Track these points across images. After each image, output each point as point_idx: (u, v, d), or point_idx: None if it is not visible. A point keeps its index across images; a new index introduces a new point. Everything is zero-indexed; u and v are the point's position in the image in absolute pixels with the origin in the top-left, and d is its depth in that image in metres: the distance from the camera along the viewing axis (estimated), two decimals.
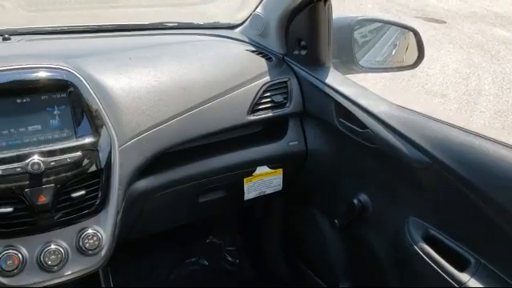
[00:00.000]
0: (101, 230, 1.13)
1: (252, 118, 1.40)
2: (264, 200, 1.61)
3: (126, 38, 1.56)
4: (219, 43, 1.59)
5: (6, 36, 1.41)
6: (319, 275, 1.70)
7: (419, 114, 1.26)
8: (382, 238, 1.37)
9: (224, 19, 1.74)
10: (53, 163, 1.07)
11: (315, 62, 1.48)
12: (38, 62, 1.14)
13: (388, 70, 1.75)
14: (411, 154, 1.20)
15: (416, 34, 1.60)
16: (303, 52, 1.50)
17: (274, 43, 1.56)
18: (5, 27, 1.46)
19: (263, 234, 1.92)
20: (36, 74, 1.11)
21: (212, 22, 1.76)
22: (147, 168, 1.25)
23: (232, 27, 1.74)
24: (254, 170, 1.47)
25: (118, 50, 1.40)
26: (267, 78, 1.45)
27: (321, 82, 1.43)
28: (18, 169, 1.04)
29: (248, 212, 1.95)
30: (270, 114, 1.43)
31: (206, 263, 1.95)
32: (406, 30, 1.69)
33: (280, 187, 1.53)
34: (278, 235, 1.87)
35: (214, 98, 1.35)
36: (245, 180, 1.47)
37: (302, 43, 1.49)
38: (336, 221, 1.48)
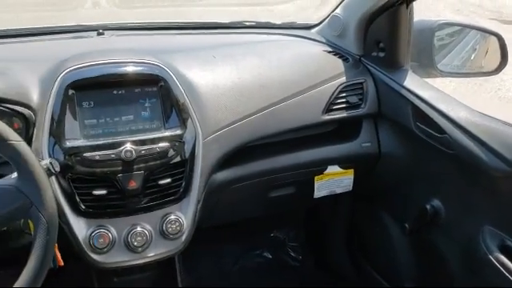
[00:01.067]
0: (182, 217, 1.21)
1: (327, 117, 1.42)
2: (331, 199, 1.63)
3: (209, 36, 1.63)
4: (297, 43, 1.62)
5: (101, 31, 1.52)
6: (384, 277, 1.70)
7: (500, 121, 1.24)
8: (453, 245, 1.35)
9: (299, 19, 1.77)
10: (143, 152, 1.15)
11: (393, 64, 1.48)
12: (133, 57, 1.23)
13: (468, 76, 1.71)
14: (491, 161, 1.17)
15: (500, 38, 1.55)
16: (381, 54, 1.50)
17: (351, 44, 1.57)
18: (99, 23, 1.57)
19: (328, 233, 1.94)
20: (132, 68, 1.20)
21: (289, 21, 1.80)
22: (225, 161, 1.31)
23: (308, 27, 1.76)
24: (325, 169, 1.50)
25: (202, 48, 1.46)
26: (343, 79, 1.47)
27: (398, 84, 1.43)
28: (113, 155, 1.12)
29: (314, 209, 1.97)
30: (344, 114, 1.45)
31: (270, 257, 2.00)
32: (487, 34, 1.64)
33: (350, 187, 1.55)
34: (343, 234, 1.89)
35: (291, 96, 1.38)
36: (315, 178, 1.50)
37: (381, 45, 1.49)
38: (406, 225, 1.47)
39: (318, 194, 1.52)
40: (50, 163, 0.97)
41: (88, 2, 1.62)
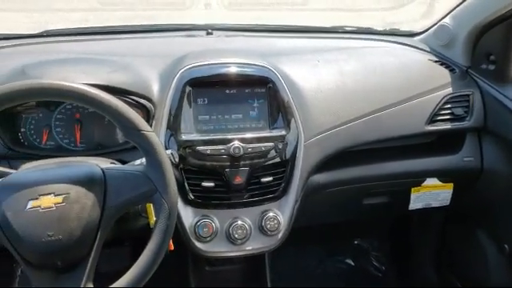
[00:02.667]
0: (280, 215, 1.24)
1: (430, 128, 1.40)
2: (422, 211, 1.60)
3: (311, 40, 1.65)
4: (401, 50, 1.60)
5: (209, 31, 1.60)
6: None
7: None
8: None
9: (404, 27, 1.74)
10: (250, 149, 1.20)
11: (504, 78, 1.42)
12: (246, 58, 1.29)
13: None
14: None
15: None
16: (491, 67, 1.44)
17: (459, 55, 1.52)
18: (209, 23, 1.65)
19: (415, 246, 1.89)
20: (245, 70, 1.26)
21: (391, 28, 1.78)
22: (324, 164, 1.33)
23: (411, 35, 1.73)
24: (423, 181, 1.47)
25: (306, 51, 1.49)
26: (449, 90, 1.43)
27: (509, 99, 1.37)
28: (222, 150, 1.19)
29: (402, 220, 1.94)
30: (448, 126, 1.41)
31: (352, 264, 1.99)
32: None
33: (447, 202, 1.50)
34: (432, 249, 1.84)
35: (394, 104, 1.37)
36: (412, 189, 1.47)
37: (492, 58, 1.44)
38: (506, 246, 1.41)
39: (413, 205, 1.50)
40: (171, 154, 1.04)
41: (201, 3, 1.72)
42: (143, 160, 1.04)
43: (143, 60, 1.32)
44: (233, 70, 1.25)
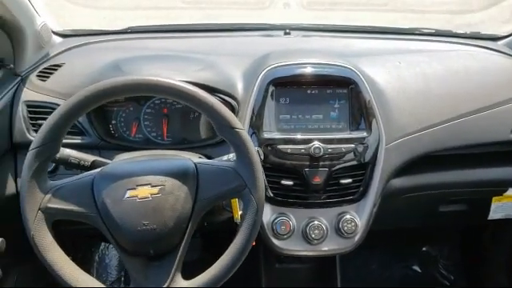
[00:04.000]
0: (358, 218, 1.24)
1: None
2: (498, 222, 1.53)
3: (389, 41, 1.63)
4: (484, 55, 1.54)
5: (287, 31, 1.62)
6: None
7: None
8: None
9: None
10: (330, 150, 1.20)
11: None
12: (328, 59, 1.29)
13: None
14: None
15: None
16: None
17: None
18: (287, 22, 1.66)
19: (488, 257, 1.82)
20: (328, 70, 1.26)
21: (473, 31, 1.72)
22: (403, 169, 1.31)
23: (495, 39, 1.67)
24: (505, 190, 1.41)
25: (386, 53, 1.47)
26: None
27: None
28: (303, 150, 1.20)
29: (475, 229, 1.87)
30: None
31: (419, 271, 1.95)
32: None
33: None
34: (505, 260, 1.76)
35: (478, 110, 1.33)
36: (493, 199, 1.42)
37: None
38: None
39: (493, 215, 1.44)
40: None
41: (279, 2, 1.74)
42: (230, 156, 1.08)
43: (227, 59, 1.35)
44: (315, 70, 1.26)
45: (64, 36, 1.51)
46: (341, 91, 1.26)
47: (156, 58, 1.34)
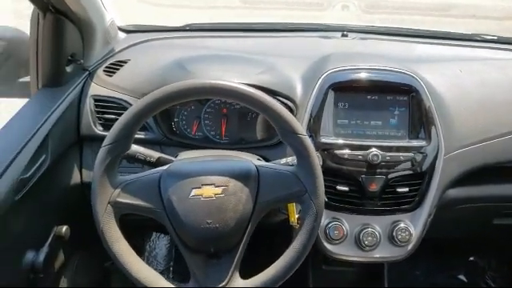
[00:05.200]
0: (412, 227, 1.23)
1: None
2: None
3: (449, 47, 1.59)
4: None
5: (345, 33, 1.61)
6: None
7: None
8: None
9: None
10: (388, 158, 1.19)
11: None
12: (389, 64, 1.28)
13: None
14: None
15: None
16: None
17: None
18: (345, 24, 1.65)
19: None
20: (389, 77, 1.25)
21: None
22: (459, 179, 1.29)
23: None
24: None
25: (446, 60, 1.44)
26: None
27: None
28: (360, 156, 1.20)
29: None
30: None
31: (465, 280, 1.91)
32: None
33: None
34: None
35: None
36: None
37: None
38: None
39: None
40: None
41: (338, 4, 1.73)
42: (288, 159, 1.09)
43: (286, 61, 1.36)
44: (377, 76, 1.25)
45: (127, 32, 1.56)
46: (401, 98, 1.25)
47: (218, 58, 1.36)
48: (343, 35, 1.60)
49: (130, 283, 1.10)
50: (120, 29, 1.51)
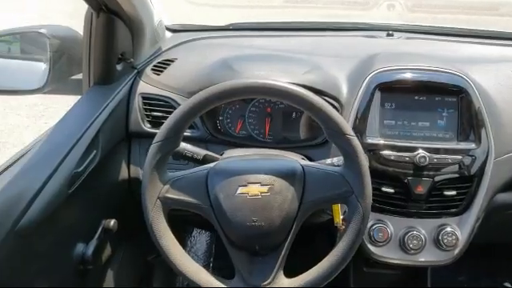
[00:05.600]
0: (459, 231, 1.20)
1: None
2: None
3: (500, 48, 1.54)
4: None
5: (390, 32, 1.58)
6: None
7: None
8: None
9: None
10: (435, 160, 1.17)
11: None
12: (437, 65, 1.25)
13: None
14: None
15: None
16: None
17: None
18: (389, 23, 1.63)
19: None
20: (438, 77, 1.22)
21: None
22: (510, 184, 1.25)
23: None
24: None
25: (495, 60, 1.40)
26: None
27: None
28: (407, 158, 1.18)
29: None
30: None
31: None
32: None
33: None
34: None
35: None
36: None
37: None
38: None
39: None
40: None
41: (384, 4, 1.70)
42: (334, 160, 1.08)
43: (331, 60, 1.35)
44: (425, 76, 1.23)
45: (173, 31, 1.59)
46: (450, 99, 1.22)
47: (263, 57, 1.37)
48: (388, 35, 1.57)
49: (172, 277, 1.12)
50: (166, 28, 1.54)
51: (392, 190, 1.20)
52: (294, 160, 1.03)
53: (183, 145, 1.07)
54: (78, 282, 1.15)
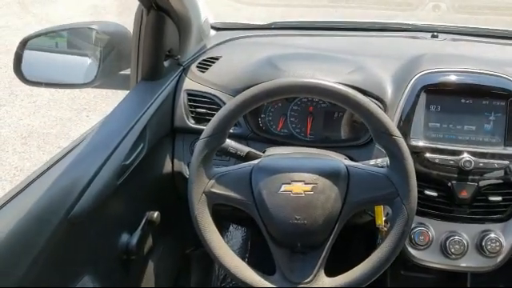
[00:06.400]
0: (503, 238, 1.18)
1: None
2: None
3: None
4: None
5: (435, 34, 1.56)
6: None
7: None
8: None
9: None
10: (481, 165, 1.15)
11: None
12: (485, 68, 1.22)
13: None
14: None
15: None
16: None
17: None
18: (434, 24, 1.60)
19: None
20: (486, 80, 1.20)
21: None
22: None
23: None
24: None
25: None
26: None
27: None
28: (451, 162, 1.16)
29: None
30: None
31: None
32: None
33: None
34: None
35: None
36: None
37: None
38: None
39: None
40: None
41: (429, 5, 1.68)
42: (378, 161, 1.08)
43: (374, 60, 1.34)
44: (472, 79, 1.21)
45: (216, 29, 1.61)
46: (498, 103, 1.19)
47: (307, 56, 1.37)
48: (433, 36, 1.55)
49: (209, 270, 1.13)
50: (211, 26, 1.56)
51: (435, 194, 1.18)
52: (338, 160, 1.04)
53: (227, 141, 1.09)
54: (120, 271, 1.19)
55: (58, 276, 0.93)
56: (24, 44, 1.26)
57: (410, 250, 1.21)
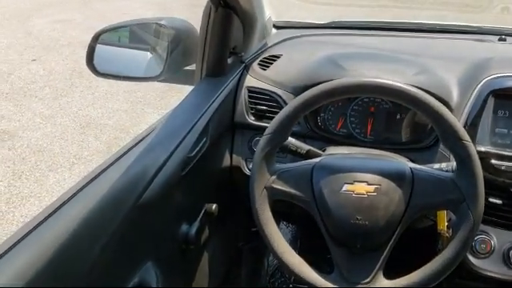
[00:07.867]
0: None
1: None
2: None
3: None
4: None
5: (503, 37, 1.51)
6: None
7: None
8: None
9: None
10: None
11: None
12: None
13: None
14: None
15: None
16: None
17: None
18: (502, 27, 1.55)
19: None
20: None
21: None
22: None
23: None
24: None
25: None
26: None
27: None
28: None
29: None
30: None
31: None
32: None
33: None
34: None
35: None
36: None
37: None
38: None
39: None
40: None
41: (498, 7, 1.62)
42: (443, 165, 1.06)
43: (439, 63, 1.32)
44: None
45: (277, 27, 1.63)
46: None
47: (370, 56, 1.36)
48: (500, 39, 1.50)
49: (259, 264, 1.14)
50: (273, 24, 1.58)
51: (500, 202, 1.15)
52: (403, 162, 1.03)
53: (289, 139, 1.10)
54: (179, 260, 1.23)
55: (125, 261, 0.98)
56: (97, 38, 1.32)
57: (470, 257, 1.18)
